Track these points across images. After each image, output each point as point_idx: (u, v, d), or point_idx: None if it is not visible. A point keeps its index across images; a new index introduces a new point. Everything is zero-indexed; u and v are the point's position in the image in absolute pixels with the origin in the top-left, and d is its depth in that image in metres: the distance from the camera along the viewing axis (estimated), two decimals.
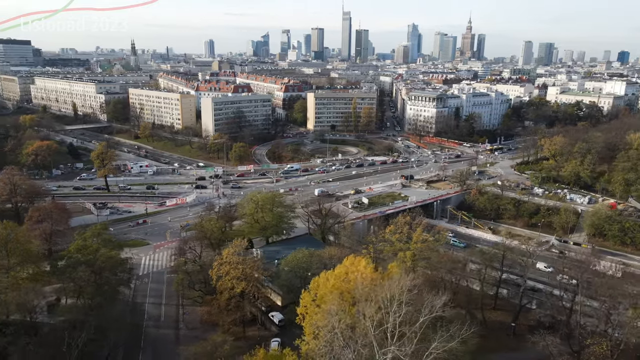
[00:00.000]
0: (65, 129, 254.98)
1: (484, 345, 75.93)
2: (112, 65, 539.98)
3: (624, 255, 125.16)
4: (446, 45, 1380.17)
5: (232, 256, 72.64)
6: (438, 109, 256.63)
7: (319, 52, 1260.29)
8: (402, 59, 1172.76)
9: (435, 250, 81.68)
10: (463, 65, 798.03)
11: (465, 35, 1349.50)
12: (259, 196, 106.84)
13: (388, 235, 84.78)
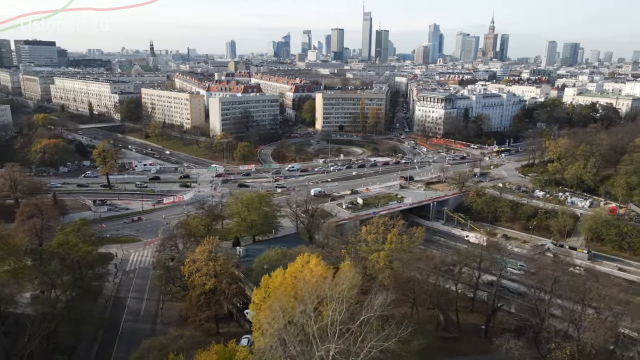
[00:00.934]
0: (78, 128, 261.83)
1: (454, 348, 76.28)
2: (132, 66, 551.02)
3: (621, 261, 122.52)
4: (468, 46, 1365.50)
5: (202, 253, 74.11)
6: (446, 110, 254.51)
7: (339, 53, 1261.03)
8: (422, 60, 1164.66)
9: (409, 251, 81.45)
10: (483, 66, 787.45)
11: (488, 36, 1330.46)
12: (244, 195, 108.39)
13: (364, 235, 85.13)
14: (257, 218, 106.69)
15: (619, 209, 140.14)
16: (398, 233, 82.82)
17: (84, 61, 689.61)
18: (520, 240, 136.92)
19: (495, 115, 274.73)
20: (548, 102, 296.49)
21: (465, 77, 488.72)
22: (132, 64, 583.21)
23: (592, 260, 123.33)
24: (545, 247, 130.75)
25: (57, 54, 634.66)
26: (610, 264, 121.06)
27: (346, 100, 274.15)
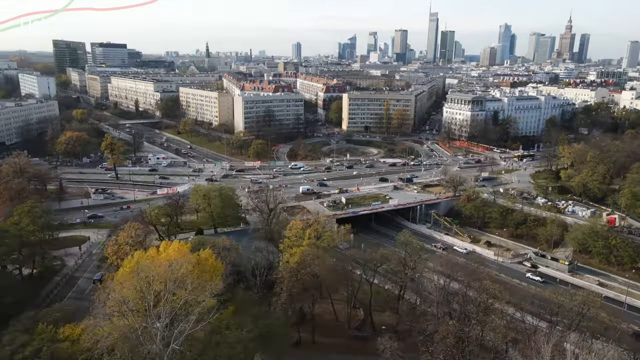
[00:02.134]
0: (119, 123, 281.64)
1: (348, 345, 76.25)
2: (188, 66, 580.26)
3: (607, 275, 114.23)
4: (543, 47, 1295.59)
5: (124, 238, 79.54)
6: (473, 112, 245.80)
7: (401, 54, 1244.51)
8: (488, 61, 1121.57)
9: (323, 248, 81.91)
10: (554, 68, 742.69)
11: (564, 36, 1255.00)
12: (204, 188, 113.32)
13: (287, 231, 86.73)
14: (217, 210, 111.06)
15: (620, 221, 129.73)
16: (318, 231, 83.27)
17: (151, 62, 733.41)
18: (503, 248, 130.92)
19: (530, 118, 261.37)
20: (594, 106, 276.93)
21: (520, 79, 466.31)
22: (188, 65, 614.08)
23: (572, 272, 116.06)
24: (527, 256, 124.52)
25: (127, 55, 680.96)
26: (591, 278, 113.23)
27: (372, 101, 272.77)
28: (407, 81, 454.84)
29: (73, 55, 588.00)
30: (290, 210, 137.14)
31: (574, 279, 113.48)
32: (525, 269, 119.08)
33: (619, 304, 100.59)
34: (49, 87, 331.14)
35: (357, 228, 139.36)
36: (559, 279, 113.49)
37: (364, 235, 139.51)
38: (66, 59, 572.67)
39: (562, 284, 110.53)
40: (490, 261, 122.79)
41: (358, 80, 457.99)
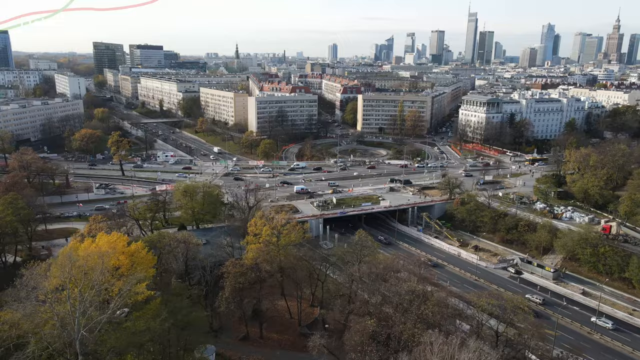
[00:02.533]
0: (140, 122, 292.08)
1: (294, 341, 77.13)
2: (217, 67, 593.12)
3: (593, 285, 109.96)
4: (589, 48, 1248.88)
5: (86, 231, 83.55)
6: (488, 114, 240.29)
7: (437, 56, 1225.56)
8: (528, 62, 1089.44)
9: (274, 245, 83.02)
10: (594, 69, 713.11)
11: (612, 36, 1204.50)
12: (186, 185, 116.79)
13: (252, 227, 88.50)
14: (199, 206, 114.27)
15: (617, 229, 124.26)
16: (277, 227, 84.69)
17: (187, 63, 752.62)
18: (491, 253, 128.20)
19: (550, 121, 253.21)
20: (621, 109, 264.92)
21: (553, 81, 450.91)
22: (219, 66, 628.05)
23: (557, 280, 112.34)
24: (513, 262, 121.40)
25: (163, 56, 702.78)
26: (575, 287, 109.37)
27: (387, 102, 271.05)
28: (432, 82, 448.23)
29: (112, 56, 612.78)
30: (279, 208, 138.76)
31: (557, 287, 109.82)
32: (508, 275, 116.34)
33: (595, 313, 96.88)
34: (79, 86, 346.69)
35: (345, 229, 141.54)
36: (540, 286, 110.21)
37: (352, 236, 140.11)
38: (105, 60, 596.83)
39: (542, 292, 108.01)
40: (474, 265, 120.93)
41: (383, 82, 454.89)
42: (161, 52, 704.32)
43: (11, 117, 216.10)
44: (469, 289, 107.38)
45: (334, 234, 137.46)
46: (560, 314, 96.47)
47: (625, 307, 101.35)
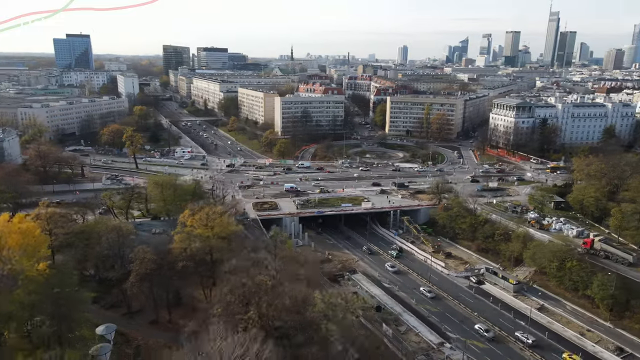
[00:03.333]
0: (180, 120, 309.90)
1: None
2: (272, 69, 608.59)
3: (558, 301, 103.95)
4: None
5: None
6: (517, 118, 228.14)
7: (511, 57, 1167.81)
8: (613, 64, 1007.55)
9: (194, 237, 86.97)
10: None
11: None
12: (155, 178, 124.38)
13: (182, 218, 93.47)
14: (170, 198, 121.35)
15: (602, 243, 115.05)
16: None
17: (250, 65, 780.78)
18: (461, 261, 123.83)
19: (591, 128, 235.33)
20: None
21: (624, 84, 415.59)
22: (273, 67, 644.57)
23: (518, 293, 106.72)
24: (479, 272, 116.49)
25: (227, 58, 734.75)
26: (534, 302, 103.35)
27: (415, 104, 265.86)
28: (484, 85, 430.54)
29: (178, 58, 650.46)
30: (259, 205, 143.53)
31: (514, 300, 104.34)
32: (467, 284, 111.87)
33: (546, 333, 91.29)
34: (133, 86, 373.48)
35: (323, 229, 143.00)
36: (493, 297, 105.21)
37: (327, 235, 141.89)
38: (172, 62, 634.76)
39: (494, 303, 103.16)
40: (436, 272, 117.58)
41: (432, 84, 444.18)
42: (226, 54, 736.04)
43: (58, 112, 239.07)
44: (406, 295, 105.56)
45: (311, 233, 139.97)
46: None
47: (579, 326, 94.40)
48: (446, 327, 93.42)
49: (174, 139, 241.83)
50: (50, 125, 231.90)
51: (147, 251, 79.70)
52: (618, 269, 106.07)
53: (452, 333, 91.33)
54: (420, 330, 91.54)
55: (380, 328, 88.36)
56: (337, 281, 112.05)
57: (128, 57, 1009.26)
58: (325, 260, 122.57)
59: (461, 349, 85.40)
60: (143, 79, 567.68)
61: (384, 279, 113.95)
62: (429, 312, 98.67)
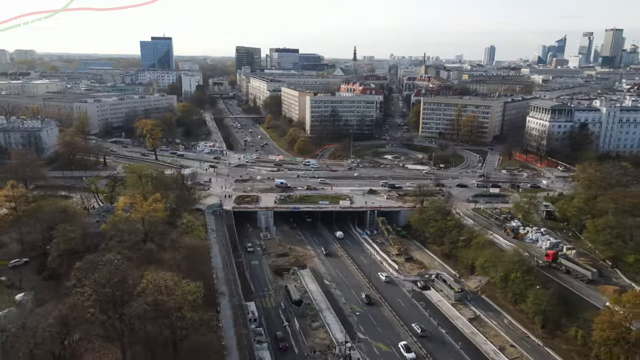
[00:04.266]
0: (225, 117, 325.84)
1: None
2: (334, 69, 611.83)
3: (497, 313, 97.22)
4: None
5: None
6: (552, 122, 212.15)
7: (610, 58, 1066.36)
8: None
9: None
10: None
11: None
12: (131, 167, 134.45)
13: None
14: (148, 187, 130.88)
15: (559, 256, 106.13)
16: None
17: (324, 65, 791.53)
18: (420, 266, 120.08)
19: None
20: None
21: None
22: (337, 67, 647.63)
23: (458, 302, 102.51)
24: (430, 277, 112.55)
25: (298, 58, 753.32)
26: (470, 312, 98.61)
27: (448, 106, 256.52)
28: (550, 87, 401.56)
29: (250, 59, 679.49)
30: (242, 198, 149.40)
31: (450, 308, 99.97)
32: (410, 289, 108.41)
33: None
34: (190, 84, 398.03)
35: (297, 224, 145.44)
36: (429, 304, 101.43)
37: (299, 231, 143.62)
38: (244, 62, 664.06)
39: (427, 309, 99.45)
40: (386, 275, 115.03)
41: (493, 86, 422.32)
42: (297, 55, 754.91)
43: (108, 107, 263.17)
44: (340, 294, 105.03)
45: (282, 227, 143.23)
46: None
47: (505, 341, 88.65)
48: (361, 327, 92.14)
49: (206, 134, 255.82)
50: (100, 118, 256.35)
51: (70, 230, 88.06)
52: (572, 285, 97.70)
53: (363, 334, 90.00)
54: (332, 328, 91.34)
55: (285, 319, 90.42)
56: (280, 275, 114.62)
57: (216, 58, 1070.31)
58: (282, 254, 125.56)
59: (362, 350, 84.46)
60: (219, 78, 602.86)
61: (328, 276, 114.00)
62: (350, 312, 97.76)
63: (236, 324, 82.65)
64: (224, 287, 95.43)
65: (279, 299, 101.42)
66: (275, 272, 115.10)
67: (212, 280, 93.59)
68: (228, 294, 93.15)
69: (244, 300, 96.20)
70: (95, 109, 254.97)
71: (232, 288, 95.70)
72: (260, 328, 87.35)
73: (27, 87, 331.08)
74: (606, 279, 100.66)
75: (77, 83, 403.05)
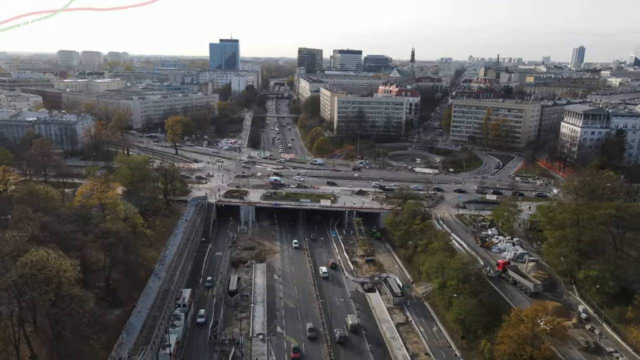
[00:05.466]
0: (268, 116, 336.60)
1: None
2: (390, 70, 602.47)
3: (431, 320, 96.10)
4: None
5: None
6: (585, 128, 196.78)
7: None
8: None
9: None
10: None
11: None
12: (120, 158, 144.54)
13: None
14: (137, 178, 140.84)
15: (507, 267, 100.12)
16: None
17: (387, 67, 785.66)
18: (379, 269, 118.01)
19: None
20: None
21: None
22: (392, 68, 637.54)
23: (396, 306, 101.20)
24: (379, 280, 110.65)
25: (362, 60, 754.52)
26: (402, 317, 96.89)
27: (479, 109, 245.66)
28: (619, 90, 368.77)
29: (311, 60, 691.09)
30: (230, 192, 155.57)
31: (383, 311, 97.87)
32: (354, 290, 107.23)
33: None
34: (239, 84, 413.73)
35: (278, 220, 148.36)
36: (365, 306, 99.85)
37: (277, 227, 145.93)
38: (305, 63, 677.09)
39: (360, 310, 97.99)
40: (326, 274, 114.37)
41: (557, 89, 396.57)
42: (359, 56, 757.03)
43: (150, 104, 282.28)
44: (283, 288, 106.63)
45: (264, 222, 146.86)
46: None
47: (422, 349, 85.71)
48: (283, 322, 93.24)
49: (234, 131, 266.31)
50: (143, 114, 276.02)
51: (27, 210, 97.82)
52: (514, 297, 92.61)
53: (282, 328, 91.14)
54: (256, 320, 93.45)
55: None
56: (237, 267, 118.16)
57: (289, 59, 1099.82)
58: (249, 248, 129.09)
59: (271, 343, 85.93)
60: (282, 79, 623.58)
61: (280, 271, 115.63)
62: (283, 306, 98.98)
63: (153, 307, 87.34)
64: (164, 272, 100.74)
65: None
66: (233, 264, 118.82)
67: (153, 266, 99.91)
68: (164, 279, 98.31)
69: (183, 287, 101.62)
70: (138, 106, 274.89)
71: (171, 274, 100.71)
72: (181, 313, 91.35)
73: (91, 85, 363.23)
74: (556, 294, 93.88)
75: (140, 82, 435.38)
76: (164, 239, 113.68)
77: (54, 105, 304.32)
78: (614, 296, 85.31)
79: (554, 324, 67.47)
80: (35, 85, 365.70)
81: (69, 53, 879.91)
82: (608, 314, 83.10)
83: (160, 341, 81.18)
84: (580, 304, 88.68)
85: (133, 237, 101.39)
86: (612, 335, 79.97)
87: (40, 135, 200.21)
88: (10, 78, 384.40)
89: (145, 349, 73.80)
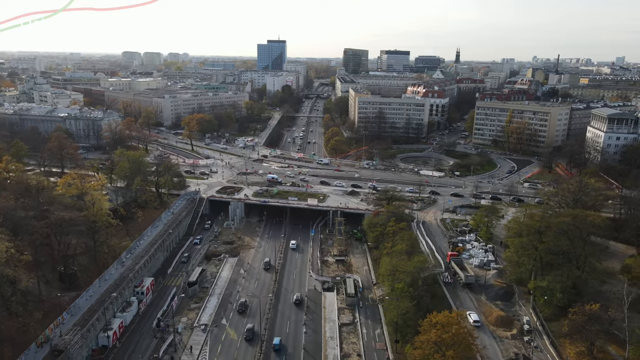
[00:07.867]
0: (298, 116, 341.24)
1: None
2: (433, 72, 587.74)
3: (378, 323, 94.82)
4: None
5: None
6: (610, 133, 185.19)
7: None
8: None
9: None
10: None
11: None
12: (118, 152, 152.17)
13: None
14: (134, 171, 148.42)
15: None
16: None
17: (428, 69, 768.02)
18: (347, 269, 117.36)
19: None
20: None
21: None
22: (445, 68, 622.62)
23: (348, 307, 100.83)
24: (340, 280, 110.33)
25: (408, 61, 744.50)
26: (348, 317, 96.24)
27: (503, 112, 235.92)
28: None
29: (357, 60, 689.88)
30: (224, 189, 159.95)
31: (332, 311, 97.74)
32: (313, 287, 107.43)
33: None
34: (274, 84, 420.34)
35: (265, 217, 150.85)
36: (317, 305, 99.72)
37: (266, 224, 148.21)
38: (350, 64, 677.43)
39: (309, 310, 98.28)
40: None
41: (601, 92, 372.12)
42: (407, 57, 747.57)
43: (180, 102, 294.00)
44: (244, 282, 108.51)
45: (252, 219, 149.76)
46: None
47: (357, 349, 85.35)
48: (230, 314, 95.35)
49: (254, 130, 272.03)
50: (173, 112, 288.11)
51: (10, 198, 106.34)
52: (462, 304, 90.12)
53: (227, 320, 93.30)
54: (206, 311, 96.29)
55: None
56: (209, 259, 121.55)
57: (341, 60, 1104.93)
58: (228, 242, 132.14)
59: (211, 333, 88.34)
60: (329, 80, 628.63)
61: (248, 266, 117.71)
62: (236, 300, 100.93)
63: (106, 291, 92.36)
64: (130, 261, 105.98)
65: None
66: (206, 257, 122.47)
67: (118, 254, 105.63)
68: (128, 267, 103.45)
69: (148, 276, 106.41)
70: (169, 104, 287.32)
71: (135, 263, 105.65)
72: (134, 299, 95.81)
73: (133, 84, 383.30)
74: (509, 304, 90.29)
75: (183, 81, 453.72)
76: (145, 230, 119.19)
77: (98, 102, 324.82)
78: (563, 309, 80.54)
79: (455, 333, 64.77)
80: (86, 84, 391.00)
81: (131, 54, 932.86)
82: (553, 327, 78.77)
83: (104, 325, 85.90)
84: (526, 315, 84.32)
85: (105, 226, 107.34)
86: (549, 348, 75.71)
87: (69, 130, 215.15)
88: (64, 77, 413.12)
89: (76, 329, 78.54)
